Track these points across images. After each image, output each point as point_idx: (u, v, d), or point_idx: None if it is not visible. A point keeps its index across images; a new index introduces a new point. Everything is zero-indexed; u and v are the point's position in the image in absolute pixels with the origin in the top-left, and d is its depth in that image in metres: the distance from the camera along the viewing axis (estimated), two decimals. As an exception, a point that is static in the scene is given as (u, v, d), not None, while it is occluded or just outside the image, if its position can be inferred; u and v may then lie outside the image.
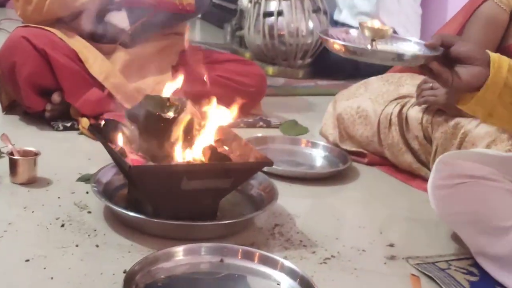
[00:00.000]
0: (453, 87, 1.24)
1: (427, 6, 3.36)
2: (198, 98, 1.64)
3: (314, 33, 3.12)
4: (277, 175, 1.87)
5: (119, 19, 2.26)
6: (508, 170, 1.40)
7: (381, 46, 1.28)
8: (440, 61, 1.24)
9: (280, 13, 3.11)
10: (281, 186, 1.71)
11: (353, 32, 1.35)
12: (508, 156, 1.48)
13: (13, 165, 1.67)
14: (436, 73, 1.24)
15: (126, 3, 2.25)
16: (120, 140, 1.53)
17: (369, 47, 1.26)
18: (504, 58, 1.25)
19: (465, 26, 1.98)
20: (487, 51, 1.25)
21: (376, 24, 1.28)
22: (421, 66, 1.26)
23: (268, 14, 3.13)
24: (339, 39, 1.30)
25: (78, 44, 2.19)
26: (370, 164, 2.08)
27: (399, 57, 1.26)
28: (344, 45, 1.25)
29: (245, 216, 1.56)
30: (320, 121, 2.24)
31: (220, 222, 1.51)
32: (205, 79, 1.96)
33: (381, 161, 2.07)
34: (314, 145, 2.15)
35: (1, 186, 1.66)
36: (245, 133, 2.07)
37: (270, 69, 3.18)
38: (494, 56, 1.24)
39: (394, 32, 3.05)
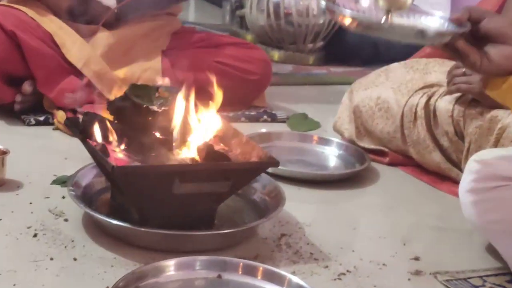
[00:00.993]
0: (482, 70, 1.23)
1: (459, -19, 3.35)
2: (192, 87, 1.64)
3: (327, 12, 3.11)
4: (284, 177, 1.87)
5: (105, -5, 2.26)
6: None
7: (398, 20, 1.25)
8: (468, 39, 1.22)
9: (287, -11, 3.11)
10: (288, 190, 1.71)
11: (365, 2, 1.32)
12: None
13: (-23, 166, 1.68)
14: (462, 54, 1.23)
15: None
16: (101, 136, 1.53)
17: (384, 20, 1.24)
18: None
19: (507, 1, 1.97)
20: None
21: None
22: (445, 45, 1.24)
23: (274, -11, 3.13)
24: (348, 10, 1.27)
25: (53, 25, 2.19)
26: (392, 164, 2.08)
27: (421, 33, 1.23)
28: (355, 19, 1.23)
29: (247, 224, 1.56)
30: (334, 115, 2.24)
31: (218, 232, 1.51)
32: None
33: (404, 160, 2.07)
34: (326, 142, 2.15)
35: (-36, 190, 1.66)
36: (247, 128, 2.08)
37: (276, 54, 3.18)
38: None
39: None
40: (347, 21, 1.23)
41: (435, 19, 1.29)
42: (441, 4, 3.30)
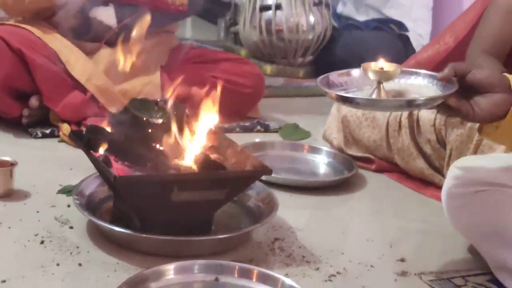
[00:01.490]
0: (475, 119, 1.24)
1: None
2: (189, 100, 1.63)
3: (316, 28, 3.12)
4: (277, 184, 1.86)
5: (106, 16, 2.26)
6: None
7: (387, 85, 1.26)
8: (456, 93, 1.23)
9: (278, 7, 3.11)
10: (281, 197, 1.71)
11: (356, 73, 1.33)
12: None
13: (-13, 177, 1.67)
14: (454, 109, 1.24)
15: (113, -2, 2.25)
16: (104, 148, 1.52)
17: (374, 96, 1.24)
18: None
19: (482, 17, 1.98)
20: (505, 74, 1.25)
21: (381, 64, 1.26)
22: (437, 105, 1.25)
23: (265, 7, 3.13)
24: (339, 85, 1.28)
25: (58, 43, 2.18)
26: (378, 171, 2.08)
27: (410, 103, 1.24)
28: (344, 98, 1.24)
29: (242, 230, 1.55)
30: (323, 124, 2.23)
31: (214, 237, 1.51)
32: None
33: (390, 167, 2.07)
34: (316, 150, 2.15)
35: (-26, 200, 1.65)
36: (241, 139, 2.07)
37: (268, 68, 3.18)
38: None
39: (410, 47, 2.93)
40: (336, 98, 1.25)
41: (421, 79, 1.29)
42: (423, 20, 3.31)
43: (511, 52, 1.95)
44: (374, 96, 1.25)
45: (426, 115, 1.94)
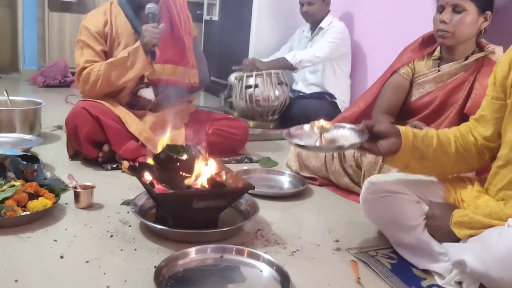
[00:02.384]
0: (380, 154, 1.27)
1: (354, 78, 3.40)
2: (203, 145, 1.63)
3: (280, 98, 3.14)
4: (258, 195, 1.85)
5: (148, 93, 2.26)
6: (413, 187, 1.40)
7: (326, 135, 1.25)
8: (368, 139, 1.25)
9: (256, 86, 3.13)
10: (261, 203, 1.70)
11: (306, 127, 1.32)
12: (412, 177, 1.48)
13: (76, 195, 1.65)
14: (367, 149, 1.26)
15: (152, 82, 2.25)
16: (149, 175, 1.51)
17: (317, 143, 1.24)
18: (408, 128, 1.29)
19: (381, 90, 2.01)
20: (397, 126, 1.28)
21: (321, 122, 1.26)
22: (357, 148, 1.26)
23: (248, 86, 3.15)
24: (296, 135, 1.28)
25: (120, 111, 2.18)
26: (320, 185, 2.07)
27: (340, 147, 1.25)
28: (300, 145, 1.23)
29: (237, 224, 1.53)
30: (285, 157, 2.24)
31: (220, 230, 1.49)
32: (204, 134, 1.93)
33: (328, 183, 2.07)
34: (282, 173, 2.14)
35: (69, 210, 1.62)
36: (235, 167, 2.06)
37: (251, 123, 3.18)
38: (402, 129, 1.28)
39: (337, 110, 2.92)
40: (296, 146, 1.24)
41: (346, 130, 1.29)
42: (345, 92, 3.32)
43: (400, 110, 1.99)
44: (317, 144, 1.24)
45: (349, 151, 1.95)
